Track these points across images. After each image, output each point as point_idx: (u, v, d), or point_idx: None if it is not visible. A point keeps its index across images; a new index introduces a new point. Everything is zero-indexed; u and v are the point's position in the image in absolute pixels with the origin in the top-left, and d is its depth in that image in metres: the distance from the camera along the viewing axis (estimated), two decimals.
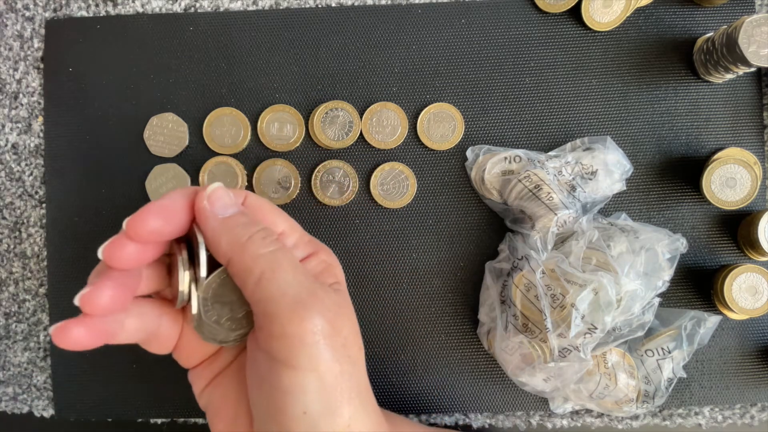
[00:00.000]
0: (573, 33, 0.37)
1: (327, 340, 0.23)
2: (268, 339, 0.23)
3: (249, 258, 0.23)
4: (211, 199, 0.24)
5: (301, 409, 0.22)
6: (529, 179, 0.33)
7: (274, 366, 0.23)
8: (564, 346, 0.30)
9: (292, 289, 0.23)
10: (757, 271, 0.34)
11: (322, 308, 0.23)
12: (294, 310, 0.22)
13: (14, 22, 0.38)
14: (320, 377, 0.23)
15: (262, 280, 0.23)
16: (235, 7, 0.38)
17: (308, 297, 0.23)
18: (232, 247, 0.23)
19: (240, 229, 0.24)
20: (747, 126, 0.37)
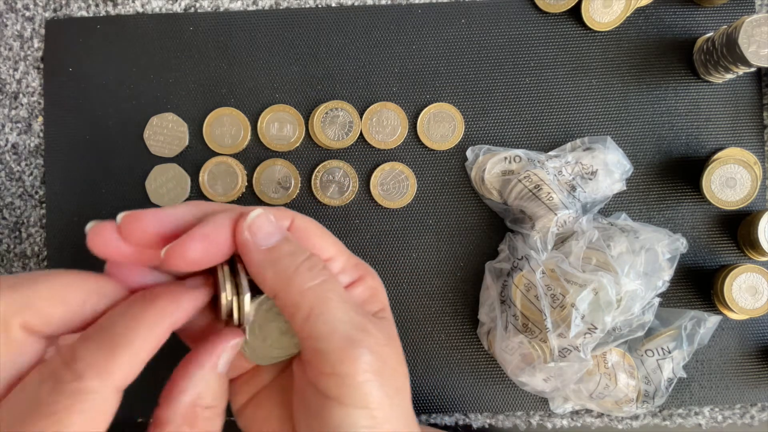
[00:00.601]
0: (573, 33, 0.37)
1: (377, 377, 0.22)
2: (318, 375, 0.22)
3: (296, 292, 0.22)
4: (252, 229, 0.23)
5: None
6: (529, 179, 0.33)
7: (324, 402, 0.22)
8: (564, 346, 0.30)
9: (342, 325, 0.22)
10: (757, 271, 0.34)
11: (371, 344, 0.23)
12: (344, 348, 0.22)
13: (14, 22, 0.38)
14: (371, 414, 0.22)
15: (311, 316, 0.22)
16: (235, 7, 0.38)
17: (358, 333, 0.22)
18: (279, 280, 0.22)
19: (286, 260, 0.23)
20: (747, 126, 0.37)
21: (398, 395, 0.24)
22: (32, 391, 0.18)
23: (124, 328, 0.19)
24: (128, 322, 0.20)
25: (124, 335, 0.19)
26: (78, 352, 0.19)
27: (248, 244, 0.22)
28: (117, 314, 0.20)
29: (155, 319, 0.20)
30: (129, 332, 0.19)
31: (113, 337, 0.19)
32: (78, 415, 0.18)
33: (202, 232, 0.22)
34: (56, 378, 0.18)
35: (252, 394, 0.27)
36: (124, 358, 0.19)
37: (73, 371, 0.18)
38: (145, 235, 0.22)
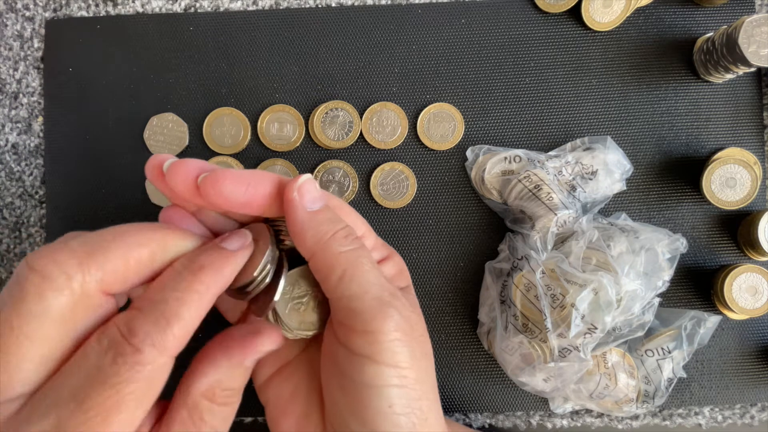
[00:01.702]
0: (573, 33, 0.37)
1: (406, 338, 0.23)
2: (349, 334, 0.23)
3: (332, 255, 0.24)
4: (301, 191, 0.24)
5: (386, 404, 0.23)
6: (529, 179, 0.33)
7: (355, 361, 0.23)
8: (564, 346, 0.30)
9: (374, 287, 0.24)
10: (757, 271, 0.34)
11: (400, 307, 0.24)
12: (376, 307, 0.23)
13: (14, 22, 0.38)
14: (401, 373, 0.23)
15: (345, 277, 0.23)
16: (235, 7, 0.38)
17: (388, 296, 0.24)
18: (318, 242, 0.24)
19: (326, 225, 0.24)
20: (747, 126, 0.37)
21: (425, 360, 0.25)
22: (95, 360, 0.19)
23: (176, 303, 0.21)
24: (180, 296, 0.21)
25: (176, 310, 0.20)
26: (135, 326, 0.20)
27: (295, 203, 0.24)
28: (168, 287, 0.21)
29: (202, 291, 0.21)
30: (180, 307, 0.21)
31: (166, 313, 0.20)
32: (137, 384, 0.19)
33: (243, 175, 0.23)
34: (118, 350, 0.19)
35: (277, 368, 0.28)
36: (177, 331, 0.20)
37: (133, 345, 0.19)
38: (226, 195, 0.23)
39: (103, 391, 0.19)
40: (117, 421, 0.19)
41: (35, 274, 0.19)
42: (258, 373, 0.28)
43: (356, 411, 0.23)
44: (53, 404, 0.19)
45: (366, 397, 0.23)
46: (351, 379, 0.23)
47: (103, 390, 0.19)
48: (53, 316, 0.19)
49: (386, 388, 0.23)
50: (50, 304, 0.19)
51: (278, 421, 0.27)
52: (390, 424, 0.23)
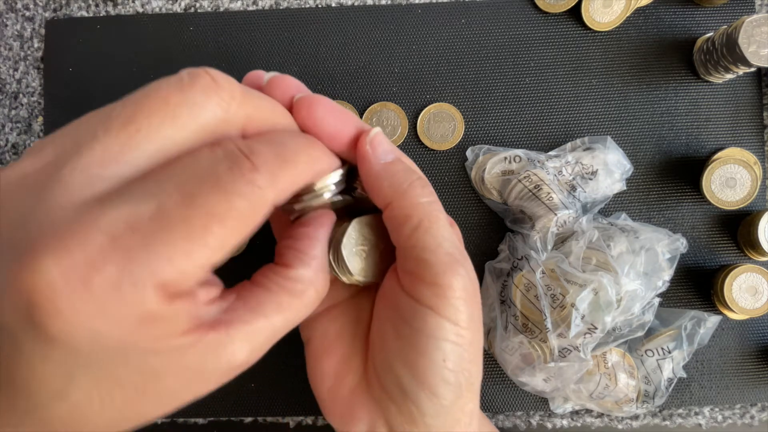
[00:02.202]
0: (573, 33, 0.37)
1: (468, 299, 0.24)
2: (417, 284, 0.24)
3: (409, 204, 0.24)
4: (374, 143, 0.24)
5: (441, 357, 0.23)
6: (529, 179, 0.33)
7: (418, 310, 0.23)
8: (564, 346, 0.30)
9: (447, 243, 0.24)
10: (757, 271, 0.34)
11: (468, 268, 0.24)
12: (448, 263, 0.23)
13: (14, 22, 0.38)
14: (459, 332, 0.23)
15: (420, 227, 0.23)
16: (235, 7, 0.38)
17: (458, 255, 0.24)
18: (394, 191, 0.24)
19: (402, 175, 0.24)
20: (747, 126, 0.37)
21: (479, 325, 0.25)
22: (207, 165, 0.18)
23: (294, 149, 0.20)
24: (297, 147, 0.21)
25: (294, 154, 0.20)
26: (255, 148, 0.19)
27: (368, 155, 0.24)
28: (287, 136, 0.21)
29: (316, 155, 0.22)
30: (297, 154, 0.20)
31: (286, 152, 0.20)
32: (245, 202, 0.18)
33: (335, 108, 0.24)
34: (236, 162, 0.18)
35: (326, 307, 0.28)
36: (290, 172, 0.20)
37: (253, 163, 0.18)
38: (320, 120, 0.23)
39: (214, 193, 0.17)
40: (215, 233, 0.17)
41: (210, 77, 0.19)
42: None
43: (408, 358, 0.23)
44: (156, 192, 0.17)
45: (422, 346, 0.23)
46: (410, 326, 0.23)
47: (214, 192, 0.17)
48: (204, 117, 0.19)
49: (444, 341, 0.23)
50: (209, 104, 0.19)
51: (320, 358, 0.27)
52: (439, 377, 0.23)
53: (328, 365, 0.27)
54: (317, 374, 0.27)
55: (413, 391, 0.23)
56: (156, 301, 0.16)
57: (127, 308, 0.16)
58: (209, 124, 0.19)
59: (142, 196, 0.17)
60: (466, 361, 0.24)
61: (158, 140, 0.18)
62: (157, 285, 0.16)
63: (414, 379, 0.23)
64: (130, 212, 0.16)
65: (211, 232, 0.17)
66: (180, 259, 0.16)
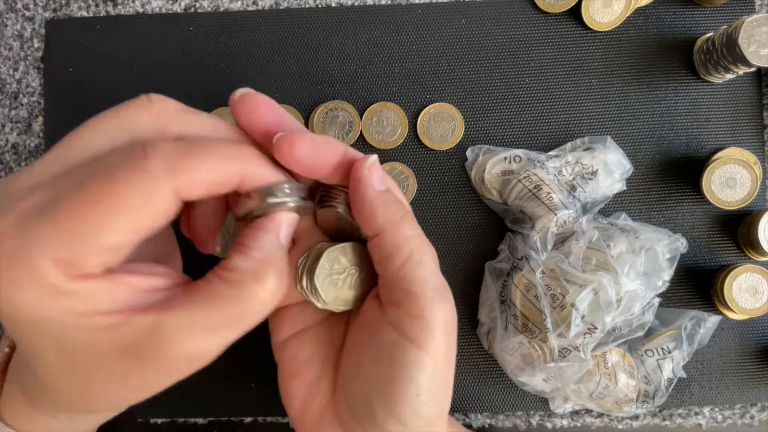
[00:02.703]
0: (573, 33, 0.37)
1: (448, 334, 0.24)
2: (401, 315, 0.24)
3: (402, 236, 0.24)
4: (372, 169, 0.24)
5: (415, 390, 0.23)
6: (529, 179, 0.33)
7: (400, 342, 0.24)
8: (564, 346, 0.30)
9: (434, 277, 0.24)
10: (757, 271, 0.34)
11: (451, 302, 0.25)
12: (434, 297, 0.24)
13: (14, 22, 0.38)
14: (436, 365, 0.24)
15: (410, 261, 0.24)
16: (235, 7, 0.38)
17: (444, 290, 0.25)
18: (387, 221, 0.24)
19: (395, 206, 0.24)
20: (747, 126, 0.37)
21: (452, 363, 0.25)
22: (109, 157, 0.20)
23: (206, 145, 0.21)
24: (212, 144, 0.21)
25: (203, 149, 0.20)
26: (158, 143, 0.20)
27: (366, 181, 0.24)
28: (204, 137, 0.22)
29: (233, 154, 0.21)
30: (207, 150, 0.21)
31: (193, 146, 0.20)
32: (132, 188, 0.19)
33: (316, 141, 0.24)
34: (131, 152, 0.19)
35: (298, 330, 0.28)
36: (190, 164, 0.20)
37: (146, 152, 0.19)
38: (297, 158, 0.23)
39: (100, 181, 0.19)
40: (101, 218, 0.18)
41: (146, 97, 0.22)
42: (278, 331, 0.28)
43: (383, 388, 0.24)
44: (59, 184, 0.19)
45: (399, 378, 0.23)
46: (390, 357, 0.24)
47: (100, 180, 0.19)
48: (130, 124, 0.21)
49: (420, 374, 0.23)
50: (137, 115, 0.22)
51: (289, 381, 0.27)
52: (411, 409, 0.23)
53: (297, 387, 0.27)
54: (287, 395, 0.27)
55: (383, 419, 0.24)
56: (58, 277, 0.18)
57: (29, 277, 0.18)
58: (138, 131, 0.21)
59: (51, 187, 0.19)
60: (439, 394, 0.24)
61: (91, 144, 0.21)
62: (54, 260, 0.18)
63: (385, 408, 0.24)
64: (39, 198, 0.19)
65: (98, 216, 0.18)
66: (66, 239, 0.18)
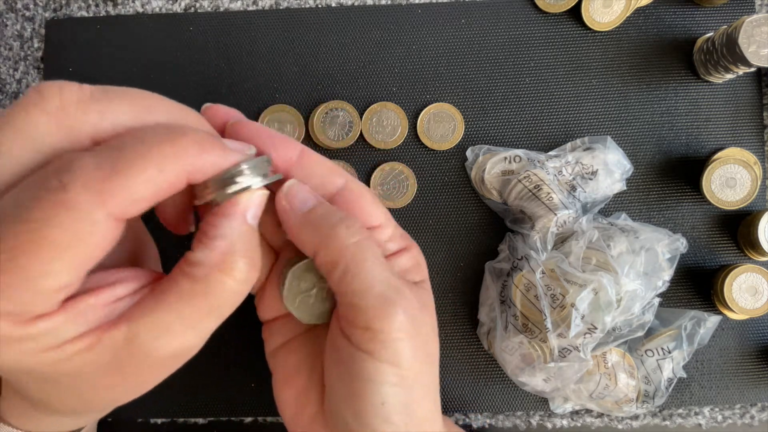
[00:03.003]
0: (573, 33, 0.37)
1: (409, 338, 0.23)
2: (351, 328, 0.23)
3: (334, 249, 0.23)
4: (288, 197, 0.23)
5: (379, 400, 0.23)
6: (528, 179, 0.33)
7: (355, 355, 0.23)
8: (564, 346, 0.30)
9: (378, 284, 0.23)
10: (757, 271, 0.34)
11: (406, 306, 0.23)
12: (379, 306, 0.23)
13: (14, 22, 0.38)
14: (400, 373, 0.23)
15: (348, 273, 0.23)
16: (235, 7, 0.38)
17: (393, 294, 0.23)
18: (318, 239, 0.23)
19: (322, 221, 0.23)
20: (747, 126, 0.37)
21: (429, 362, 0.24)
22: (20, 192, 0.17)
23: (133, 153, 0.17)
24: (141, 148, 0.17)
25: (132, 159, 0.17)
26: (73, 164, 0.17)
27: (286, 210, 0.23)
28: (131, 136, 0.18)
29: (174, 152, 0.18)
30: (138, 158, 0.17)
31: (119, 158, 0.17)
32: (59, 230, 0.16)
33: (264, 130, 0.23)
34: (42, 185, 0.16)
35: (286, 339, 0.28)
36: (122, 181, 0.17)
37: (60, 180, 0.16)
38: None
39: (17, 227, 0.16)
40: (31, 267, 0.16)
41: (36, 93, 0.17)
42: (269, 340, 0.28)
43: (350, 402, 0.23)
44: None
45: (361, 391, 0.23)
46: (349, 371, 0.23)
47: (17, 226, 0.16)
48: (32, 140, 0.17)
49: (382, 385, 0.23)
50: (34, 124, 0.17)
51: (281, 390, 0.27)
52: (381, 420, 0.23)
53: (288, 395, 0.27)
54: (280, 403, 0.27)
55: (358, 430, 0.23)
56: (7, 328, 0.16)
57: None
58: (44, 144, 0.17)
59: None
60: (410, 400, 0.23)
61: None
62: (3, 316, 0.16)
63: (356, 421, 0.23)
64: None
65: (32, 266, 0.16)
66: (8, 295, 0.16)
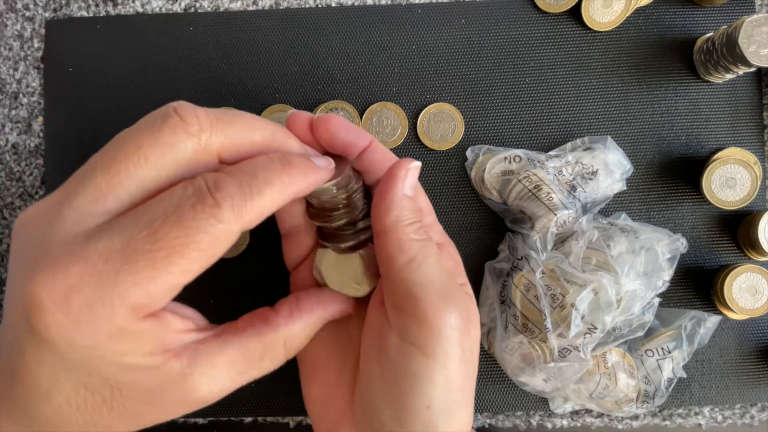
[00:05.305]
0: (573, 33, 0.37)
1: (460, 339, 0.23)
2: (405, 320, 0.23)
3: (406, 238, 0.24)
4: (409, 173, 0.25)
5: (425, 402, 0.23)
6: (528, 179, 0.33)
7: (406, 349, 0.23)
8: (564, 346, 0.30)
9: (439, 280, 0.24)
10: (757, 271, 0.34)
11: (460, 307, 0.24)
12: (438, 300, 0.23)
13: (14, 22, 0.38)
14: (449, 374, 0.23)
15: (413, 262, 0.24)
16: (235, 7, 0.38)
17: (451, 292, 0.24)
18: (396, 222, 0.24)
19: (409, 212, 0.25)
20: (747, 126, 0.37)
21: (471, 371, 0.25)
22: (178, 200, 0.20)
23: (263, 180, 0.21)
24: (268, 176, 0.22)
25: (261, 187, 0.21)
26: (221, 183, 0.20)
27: (398, 180, 0.25)
28: (259, 165, 0.22)
29: (286, 182, 0.22)
30: (265, 185, 0.21)
31: (252, 185, 0.21)
32: (205, 236, 0.20)
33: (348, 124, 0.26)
34: (200, 198, 0.20)
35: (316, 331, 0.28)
36: (255, 205, 0.21)
37: (215, 198, 0.20)
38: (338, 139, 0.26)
39: (175, 228, 0.19)
40: (176, 263, 0.19)
41: (178, 116, 0.21)
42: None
43: (392, 401, 0.23)
44: (128, 226, 0.19)
45: (406, 389, 0.23)
46: (395, 367, 0.23)
47: (175, 228, 0.19)
48: (175, 154, 0.21)
49: (429, 385, 0.22)
50: (179, 142, 0.21)
51: (309, 384, 0.27)
52: (423, 423, 0.22)
53: (316, 391, 0.27)
54: (307, 398, 0.27)
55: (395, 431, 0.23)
56: (125, 318, 0.19)
57: (99, 323, 0.19)
58: (183, 158, 0.21)
59: (119, 230, 0.19)
60: (454, 404, 0.23)
61: (137, 179, 0.20)
62: (128, 306, 0.19)
63: (396, 421, 0.23)
64: (105, 245, 0.19)
65: (173, 262, 0.19)
66: (144, 284, 0.19)
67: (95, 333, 0.19)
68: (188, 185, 0.20)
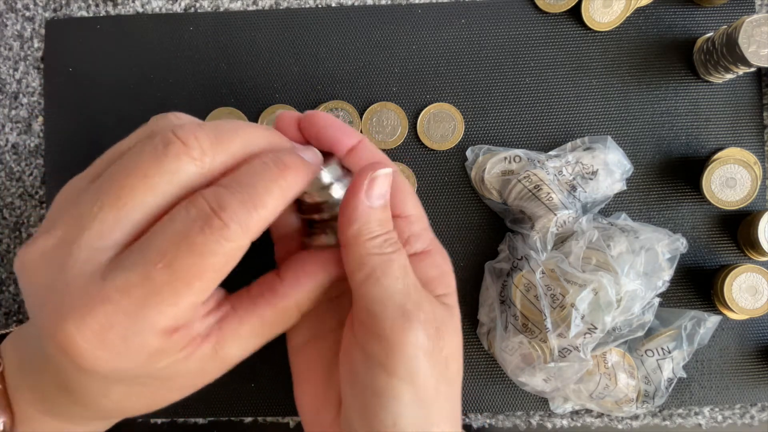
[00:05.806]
0: (573, 33, 0.37)
1: (427, 356, 0.23)
2: (366, 336, 0.23)
3: (365, 253, 0.23)
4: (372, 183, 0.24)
5: (391, 420, 0.22)
6: (528, 179, 0.33)
7: (370, 365, 0.23)
8: (564, 346, 0.30)
9: (399, 295, 0.23)
10: (757, 271, 0.34)
11: (425, 322, 0.23)
12: (398, 318, 0.22)
13: (14, 22, 0.38)
14: (416, 391, 0.22)
15: (371, 278, 0.23)
16: (235, 7, 0.38)
17: (413, 308, 0.23)
18: (357, 235, 0.24)
19: (374, 224, 0.24)
20: (747, 126, 0.37)
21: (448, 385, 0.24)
22: (181, 227, 0.20)
23: (263, 190, 0.21)
24: (267, 184, 0.22)
25: (262, 197, 0.21)
26: (224, 202, 0.21)
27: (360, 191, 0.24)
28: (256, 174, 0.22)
29: (284, 187, 0.22)
30: (267, 195, 0.21)
31: (254, 197, 0.21)
32: (218, 257, 0.20)
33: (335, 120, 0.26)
34: (207, 222, 0.20)
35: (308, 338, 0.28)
36: (260, 216, 0.21)
37: (222, 220, 0.20)
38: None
39: (189, 256, 0.20)
40: (196, 287, 0.20)
41: (179, 141, 0.21)
42: (293, 337, 0.28)
43: (362, 415, 0.23)
44: (140, 260, 0.20)
45: (372, 406, 0.22)
46: (363, 384, 0.23)
47: (189, 255, 0.20)
48: (179, 179, 0.21)
49: (394, 402, 0.22)
50: (182, 168, 0.21)
51: (300, 390, 0.28)
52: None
53: (307, 397, 0.27)
54: (297, 403, 0.28)
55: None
56: (159, 341, 0.21)
57: (135, 351, 0.20)
58: (187, 182, 0.21)
59: (132, 265, 0.20)
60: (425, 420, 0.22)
61: (143, 208, 0.21)
62: (158, 330, 0.20)
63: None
64: (123, 283, 0.20)
65: (192, 286, 0.20)
66: (170, 310, 0.20)
67: (134, 358, 0.20)
68: (190, 207, 0.21)
